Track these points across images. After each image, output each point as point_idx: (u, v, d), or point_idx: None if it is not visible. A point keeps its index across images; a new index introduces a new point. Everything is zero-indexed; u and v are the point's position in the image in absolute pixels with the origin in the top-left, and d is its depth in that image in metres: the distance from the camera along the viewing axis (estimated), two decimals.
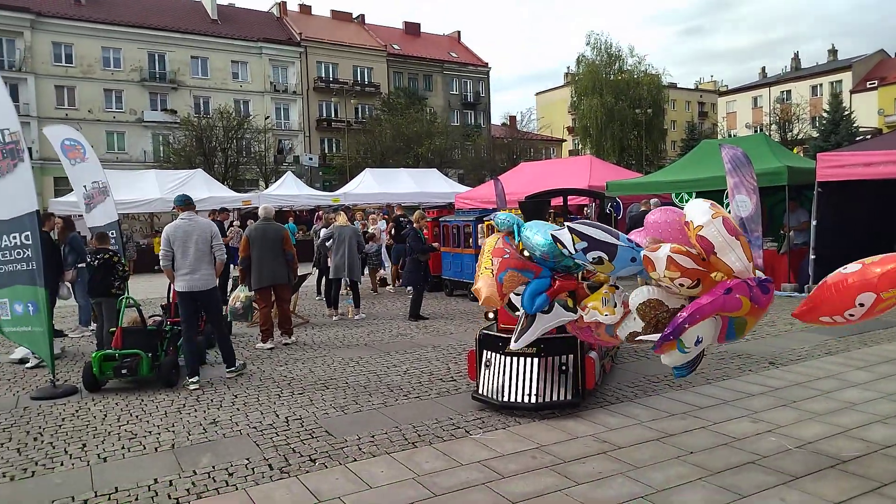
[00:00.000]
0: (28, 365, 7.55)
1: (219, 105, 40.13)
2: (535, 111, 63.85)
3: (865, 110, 52.51)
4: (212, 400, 5.94)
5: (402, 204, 20.78)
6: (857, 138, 39.04)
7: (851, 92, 57.41)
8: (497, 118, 61.03)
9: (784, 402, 5.40)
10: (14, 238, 6.39)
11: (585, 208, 16.18)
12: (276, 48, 47.69)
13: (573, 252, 3.86)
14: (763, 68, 72.25)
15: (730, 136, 52.68)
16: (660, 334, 3.75)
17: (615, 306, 4.07)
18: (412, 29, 58.47)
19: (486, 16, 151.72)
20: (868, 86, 58.03)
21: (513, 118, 56.64)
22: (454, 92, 56.21)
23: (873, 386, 5.79)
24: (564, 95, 65.31)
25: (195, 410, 5.64)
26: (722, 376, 6.28)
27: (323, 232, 11.07)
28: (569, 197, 7.96)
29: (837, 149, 30.28)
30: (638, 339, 3.98)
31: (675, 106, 69.54)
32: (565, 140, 66.16)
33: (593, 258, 3.81)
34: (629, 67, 51.44)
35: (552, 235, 4.05)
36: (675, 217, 3.87)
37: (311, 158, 43.35)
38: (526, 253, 4.46)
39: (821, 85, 60.51)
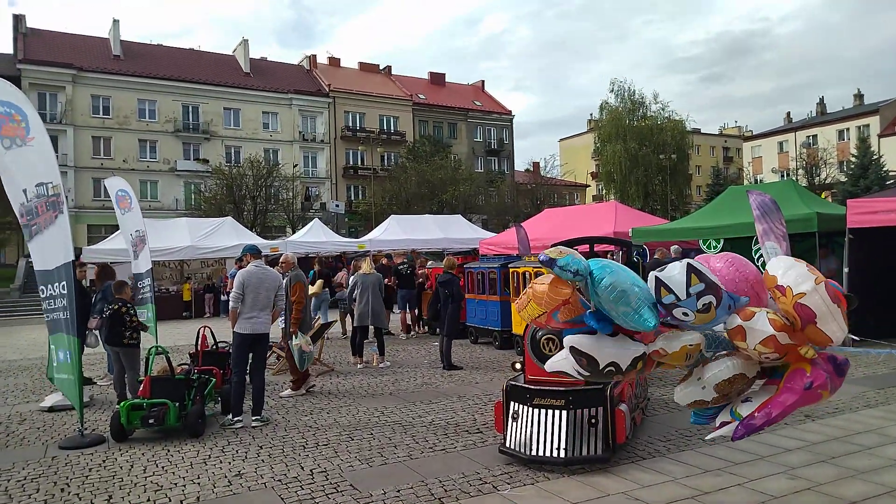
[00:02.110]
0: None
1: (249, 154, 41.30)
2: (559, 157, 64.33)
3: (894, 154, 51.85)
4: (237, 451, 5.92)
5: (412, 250, 20.91)
6: (888, 182, 38.49)
7: (879, 136, 56.82)
8: (521, 164, 61.69)
9: (822, 458, 5.20)
10: (56, 287, 6.57)
11: (609, 254, 16.12)
12: (306, 99, 49.14)
13: (683, 297, 3.25)
14: (788, 113, 72.13)
15: (756, 181, 52.32)
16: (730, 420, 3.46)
17: (691, 365, 3.57)
18: (437, 79, 59.84)
19: (509, 65, 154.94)
20: None
21: (536, 164, 57.10)
22: (478, 139, 57.02)
23: None
24: (588, 141, 65.75)
25: (220, 462, 5.62)
26: None
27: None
28: (595, 245, 7.94)
29: (867, 193, 29.88)
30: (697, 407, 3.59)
31: (700, 151, 69.50)
32: (589, 185, 66.31)
33: (703, 304, 3.24)
34: (652, 114, 51.82)
35: (656, 277, 3.37)
36: (748, 273, 3.45)
37: (337, 205, 44.04)
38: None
39: (847, 129, 60.02)
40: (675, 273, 3.33)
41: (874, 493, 4.43)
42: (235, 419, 6.81)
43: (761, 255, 9.01)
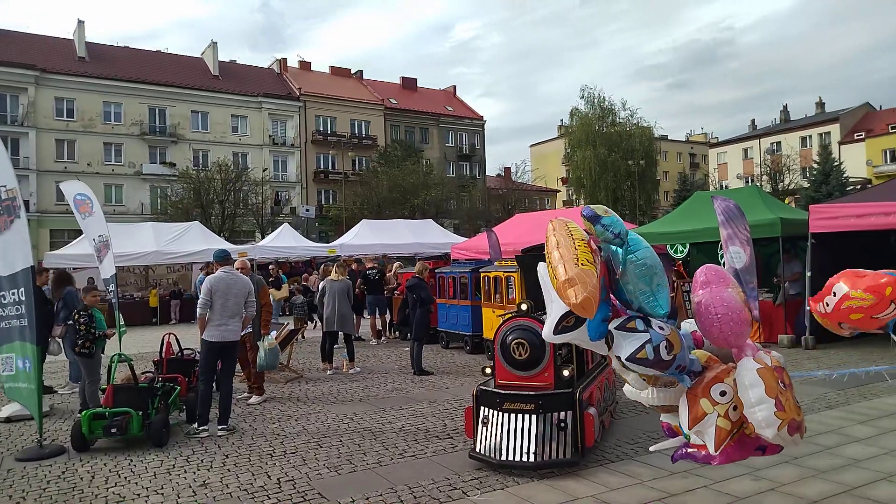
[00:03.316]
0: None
1: (218, 158, 40.71)
2: (530, 162, 64.76)
3: (853, 161, 53.37)
4: (202, 460, 5.80)
5: (384, 255, 20.87)
6: (848, 188, 39.58)
7: (840, 143, 58.45)
8: (492, 169, 61.91)
9: (785, 459, 5.29)
10: (13, 294, 6.38)
11: None
12: (276, 102, 48.70)
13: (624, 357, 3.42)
14: (752, 120, 73.93)
15: (722, 187, 53.45)
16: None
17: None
18: (409, 84, 59.82)
19: (481, 71, 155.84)
20: (855, 137, 59.16)
21: (507, 169, 57.46)
22: (450, 144, 57.13)
23: (876, 441, 5.69)
24: (558, 147, 66.38)
25: (185, 471, 5.50)
26: None
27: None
28: None
29: (829, 199, 30.68)
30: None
31: (667, 157, 70.70)
32: (559, 191, 66.89)
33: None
34: (621, 120, 52.53)
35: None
36: (738, 326, 3.52)
37: (307, 210, 43.70)
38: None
39: (810, 136, 61.64)
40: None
41: (834, 492, 4.52)
42: (201, 428, 6.68)
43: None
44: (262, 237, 32.47)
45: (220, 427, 6.71)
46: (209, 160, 42.74)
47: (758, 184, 41.56)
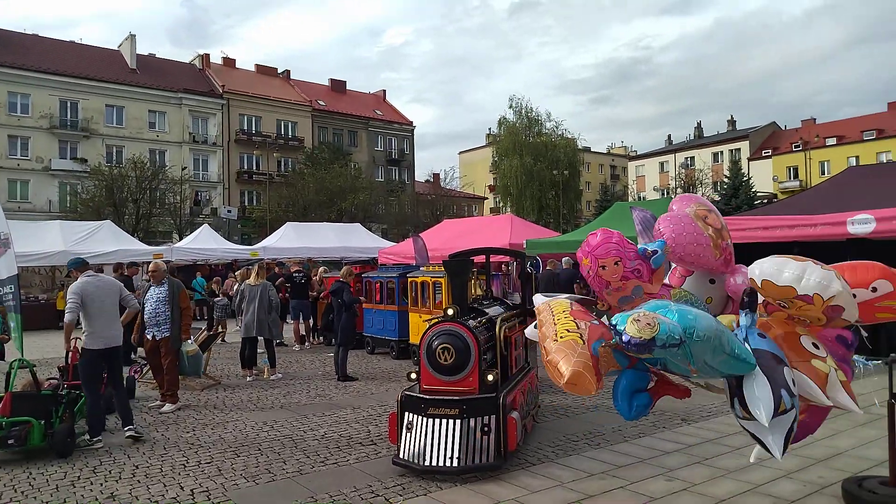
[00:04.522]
0: None
1: (133, 154, 38.88)
2: (458, 169, 65.35)
3: (761, 177, 56.84)
4: (109, 472, 5.49)
5: (309, 258, 20.58)
6: (756, 202, 42.02)
7: (749, 159, 62.13)
8: (421, 175, 62.09)
9: (698, 460, 5.53)
10: None
11: (504, 266, 16.50)
12: (197, 99, 46.99)
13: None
14: (669, 136, 77.30)
15: (640, 198, 55.73)
16: None
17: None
18: (338, 86, 59.15)
19: (411, 76, 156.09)
20: (763, 154, 63.05)
21: (436, 175, 57.79)
22: (379, 148, 56.85)
23: None
24: (486, 155, 67.26)
25: (91, 483, 5.18)
26: (638, 434, 6.39)
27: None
28: (491, 256, 8.08)
29: (738, 212, 32.45)
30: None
31: (590, 168, 73.01)
32: (487, 198, 67.79)
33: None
34: (547, 131, 53.81)
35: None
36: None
37: (229, 211, 42.26)
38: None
39: (721, 152, 65.19)
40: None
41: (741, 491, 4.75)
42: (95, 439, 6.28)
43: None
44: (180, 238, 31.26)
45: (126, 431, 6.38)
46: (124, 157, 40.73)
47: (673, 196, 43.48)
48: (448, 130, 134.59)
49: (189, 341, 8.00)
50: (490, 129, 69.46)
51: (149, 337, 8.02)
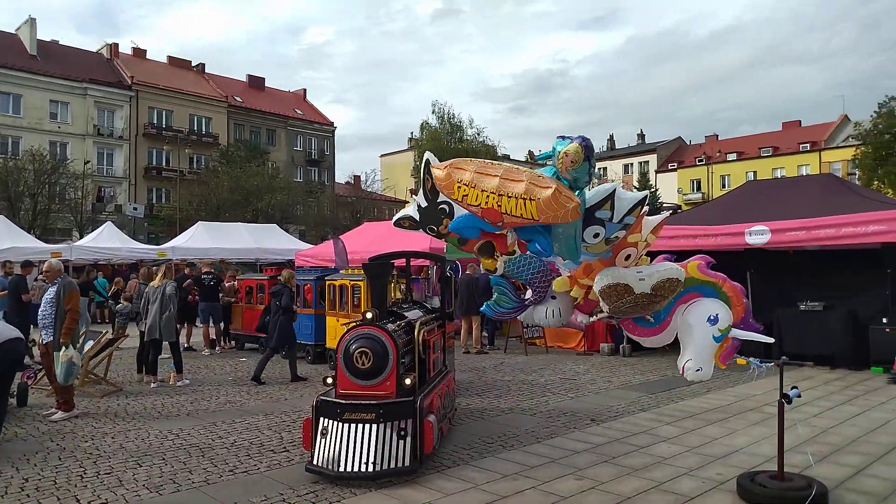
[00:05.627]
0: None
1: (31, 146, 36.31)
2: (380, 172, 65.04)
3: (667, 188, 59.87)
4: None
5: (221, 260, 19.94)
6: (662, 212, 44.21)
7: (656, 172, 65.26)
8: (341, 176, 61.26)
9: (605, 459, 5.73)
10: None
11: (425, 269, 16.54)
12: (104, 90, 44.41)
13: (616, 220, 4.28)
14: None
15: None
16: None
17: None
18: (256, 83, 57.55)
19: (332, 76, 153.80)
20: (669, 167, 66.41)
21: (357, 177, 57.15)
22: (298, 148, 55.72)
23: (680, 440, 6.34)
24: (408, 159, 67.16)
25: None
26: (549, 434, 6.56)
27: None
28: (412, 259, 8.07)
29: None
30: None
31: None
32: (408, 202, 67.75)
33: (615, 236, 4.43)
34: (469, 137, 54.40)
35: (616, 190, 4.33)
36: None
37: (135, 208, 40.13)
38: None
39: (632, 164, 68.20)
40: (626, 197, 4.18)
41: (645, 488, 4.96)
42: None
43: None
44: (81, 236, 29.47)
45: None
46: (20, 148, 37.98)
47: None
48: (370, 133, 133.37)
49: (67, 347, 7.24)
50: (412, 133, 69.43)
51: (42, 340, 7.53)
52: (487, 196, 4.02)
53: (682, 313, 4.65)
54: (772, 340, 4.92)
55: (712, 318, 4.50)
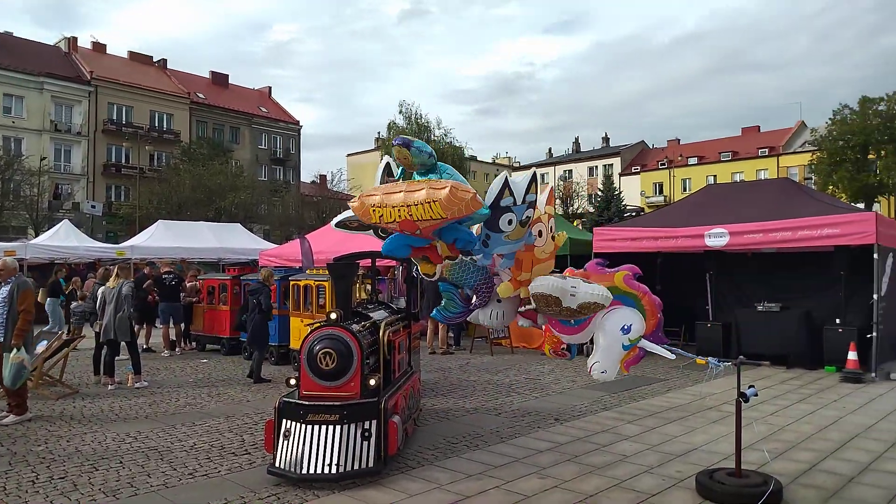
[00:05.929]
0: None
1: None
2: (346, 172, 64.62)
3: (630, 191, 60.87)
4: None
5: (182, 259, 19.59)
6: (626, 214, 44.87)
7: (620, 175, 66.24)
8: (307, 176, 60.66)
9: (568, 457, 5.79)
10: None
11: (392, 270, 16.48)
12: (61, 85, 43.21)
13: (519, 202, 4.55)
14: (549, 149, 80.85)
15: None
16: None
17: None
18: (220, 79, 56.67)
19: (298, 75, 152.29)
20: (633, 170, 67.52)
21: (323, 177, 56.64)
22: (263, 146, 55.02)
23: (641, 438, 6.44)
24: (375, 159, 66.79)
25: None
26: (514, 434, 6.60)
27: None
28: (377, 259, 8.03)
29: (609, 223, 34.48)
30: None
31: (476, 177, 74.63)
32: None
33: (526, 216, 4.65)
34: (436, 138, 54.36)
35: (506, 179, 4.60)
36: None
37: (93, 206, 39.13)
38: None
39: (596, 167, 69.08)
40: (518, 180, 4.41)
41: (607, 486, 5.02)
42: None
43: None
44: (37, 234, 28.58)
45: None
46: None
47: (552, 206, 45.47)
48: (336, 132, 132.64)
49: (18, 350, 6.96)
50: (379, 133, 69.14)
51: None
52: (398, 210, 4.32)
53: (601, 317, 4.87)
54: (673, 357, 5.04)
55: (626, 327, 4.73)
